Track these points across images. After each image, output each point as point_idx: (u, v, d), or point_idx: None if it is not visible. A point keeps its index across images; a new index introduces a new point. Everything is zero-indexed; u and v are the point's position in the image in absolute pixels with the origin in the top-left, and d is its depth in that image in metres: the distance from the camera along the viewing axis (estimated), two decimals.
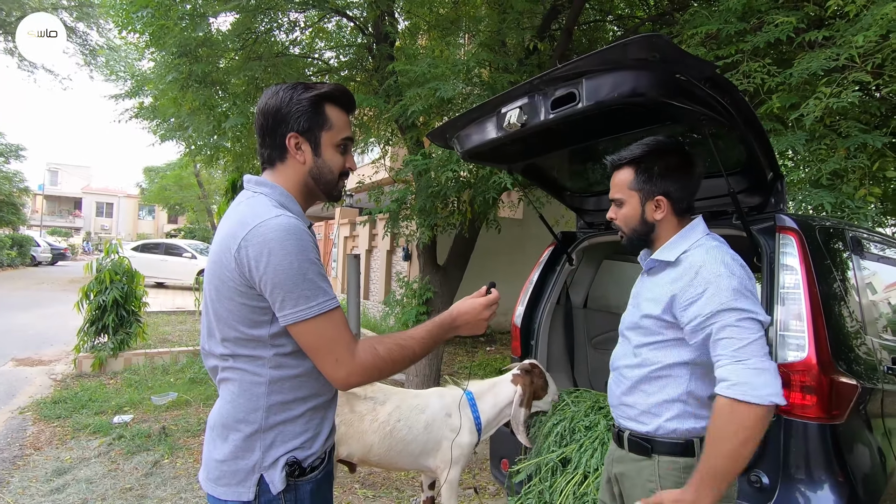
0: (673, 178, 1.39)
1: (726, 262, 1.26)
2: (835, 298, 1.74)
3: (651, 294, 1.39)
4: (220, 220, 1.32)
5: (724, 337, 1.18)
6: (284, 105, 1.15)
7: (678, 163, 1.41)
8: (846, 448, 1.56)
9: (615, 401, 1.46)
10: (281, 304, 1.05)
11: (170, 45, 4.11)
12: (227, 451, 1.13)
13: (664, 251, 1.39)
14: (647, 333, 1.37)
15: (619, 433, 1.44)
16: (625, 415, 1.42)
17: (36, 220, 37.32)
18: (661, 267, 1.40)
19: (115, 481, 3.27)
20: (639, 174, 1.40)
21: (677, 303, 1.28)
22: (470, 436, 2.38)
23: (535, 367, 2.45)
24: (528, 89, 1.62)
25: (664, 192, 1.39)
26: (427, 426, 2.36)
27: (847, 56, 2.32)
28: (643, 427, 1.36)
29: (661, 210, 1.39)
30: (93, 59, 15.26)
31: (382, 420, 2.35)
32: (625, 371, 1.43)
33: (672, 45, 1.30)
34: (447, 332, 1.24)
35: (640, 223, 1.42)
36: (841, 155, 2.59)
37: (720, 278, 1.23)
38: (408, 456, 2.38)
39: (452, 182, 3.87)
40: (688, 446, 1.31)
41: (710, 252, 1.30)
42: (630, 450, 1.40)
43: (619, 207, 1.46)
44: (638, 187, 1.41)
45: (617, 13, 5.69)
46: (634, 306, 1.47)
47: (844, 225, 2.16)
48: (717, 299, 1.20)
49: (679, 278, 1.31)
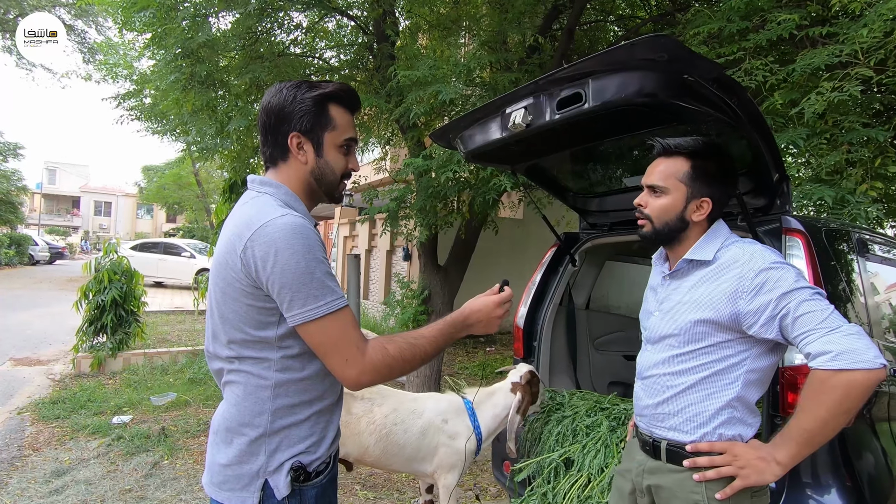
0: (722, 182, 1.35)
1: (772, 252, 1.24)
2: (841, 301, 1.74)
3: (689, 297, 1.32)
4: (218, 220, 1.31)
5: (805, 312, 1.13)
6: (287, 104, 1.13)
7: (728, 168, 1.37)
8: (853, 452, 1.55)
9: (647, 410, 1.39)
10: (289, 305, 1.03)
11: (171, 45, 4.09)
12: (232, 455, 1.11)
13: (697, 251, 1.33)
14: (692, 339, 1.30)
15: (654, 443, 1.36)
16: (662, 424, 1.35)
17: (34, 219, 37.23)
18: (691, 268, 1.35)
19: (115, 482, 3.25)
20: (695, 169, 1.33)
21: (736, 297, 1.21)
22: (471, 442, 2.37)
23: (534, 377, 2.43)
24: (533, 89, 1.61)
25: (711, 195, 1.33)
26: (423, 431, 2.35)
27: (850, 51, 2.32)
28: (686, 437, 1.29)
29: (702, 212, 1.33)
30: (91, 57, 15.23)
31: (379, 422, 2.34)
32: (663, 380, 1.35)
33: (680, 45, 1.29)
34: (459, 330, 1.21)
35: (676, 219, 1.34)
36: (843, 150, 2.58)
37: (779, 266, 1.19)
38: (402, 459, 2.37)
39: (452, 182, 3.86)
40: None
41: (750, 246, 1.27)
42: (668, 460, 1.32)
43: (655, 196, 1.37)
44: (689, 182, 1.33)
45: (618, 13, 5.68)
46: (665, 311, 1.38)
47: (850, 226, 2.15)
48: (785, 283, 1.16)
49: (719, 274, 1.27)
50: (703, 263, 1.32)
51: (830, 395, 1.08)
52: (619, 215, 2.58)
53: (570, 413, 2.36)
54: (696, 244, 1.34)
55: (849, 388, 1.06)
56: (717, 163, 1.35)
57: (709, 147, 1.35)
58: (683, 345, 1.31)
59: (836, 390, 1.07)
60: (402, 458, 2.36)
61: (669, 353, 1.35)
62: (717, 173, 1.34)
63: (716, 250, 1.31)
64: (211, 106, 4.68)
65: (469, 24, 4.89)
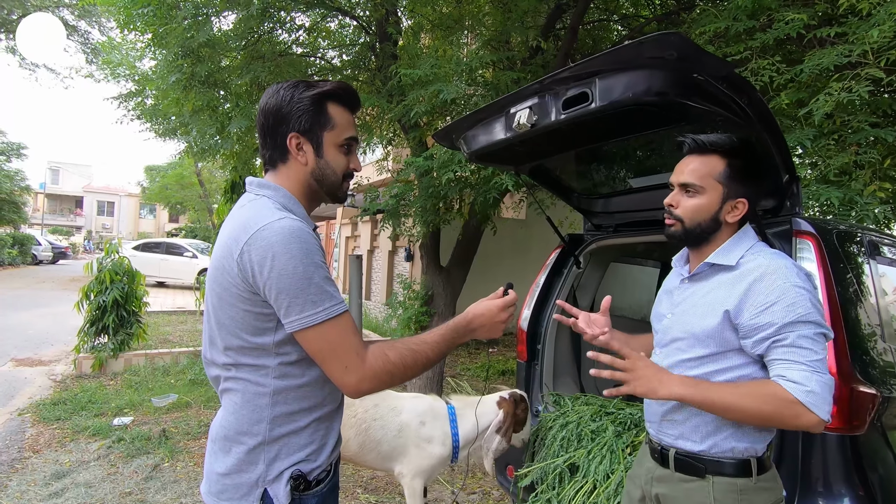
0: (758, 183, 1.32)
1: (799, 273, 1.20)
2: (853, 305, 1.70)
3: (702, 301, 1.29)
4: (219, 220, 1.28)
5: (802, 346, 1.13)
6: (285, 104, 1.11)
7: (762, 168, 1.33)
8: (866, 460, 1.51)
9: (656, 417, 1.36)
10: (287, 311, 1.01)
11: (172, 45, 4.07)
12: (230, 463, 1.09)
13: (721, 255, 1.29)
14: (704, 344, 1.26)
15: (663, 451, 1.33)
16: (672, 432, 1.32)
17: (37, 219, 37.35)
18: (713, 272, 1.30)
19: (115, 485, 3.23)
20: (732, 168, 1.28)
21: (744, 307, 1.19)
22: (441, 448, 2.35)
23: (524, 402, 2.40)
24: (538, 89, 1.58)
25: (747, 196, 1.28)
26: (400, 430, 2.35)
27: (860, 52, 2.28)
28: (695, 445, 1.27)
29: (737, 213, 1.29)
30: (94, 57, 15.25)
31: (360, 416, 2.34)
32: None
33: (689, 43, 1.26)
34: (462, 335, 1.19)
35: (710, 219, 1.29)
36: (851, 150, 2.54)
37: (799, 289, 1.16)
38: (377, 456, 2.37)
39: (453, 183, 3.82)
40: (745, 466, 1.23)
41: (777, 258, 1.23)
42: (677, 469, 1.29)
43: (688, 195, 1.31)
44: (726, 182, 1.27)
45: (621, 12, 5.64)
46: (678, 315, 1.35)
47: (860, 228, 2.11)
48: (797, 310, 1.14)
49: (738, 281, 1.23)
50: (726, 268, 1.28)
51: (769, 407, 1.12)
52: (625, 216, 2.55)
53: (575, 418, 2.33)
54: (720, 247, 1.30)
55: (794, 420, 1.11)
56: (755, 163, 1.31)
57: (743, 145, 1.30)
58: (691, 349, 1.28)
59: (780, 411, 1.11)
60: (376, 455, 2.36)
61: (678, 357, 1.32)
62: (753, 173, 1.30)
63: (740, 256, 1.27)
64: (212, 106, 4.67)
65: (472, 23, 4.86)
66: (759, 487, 1.22)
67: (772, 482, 1.26)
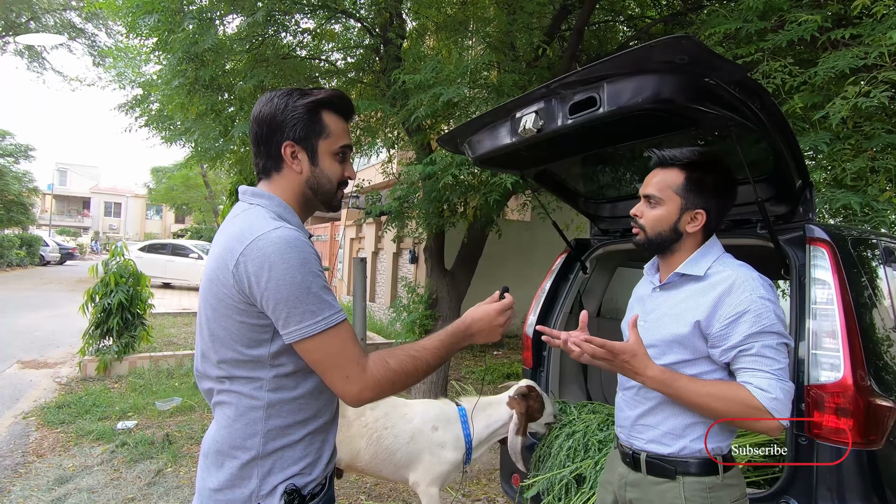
0: (718, 196, 1.35)
1: (764, 284, 1.25)
2: (870, 314, 1.65)
3: (675, 310, 1.33)
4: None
5: (766, 356, 1.19)
6: (279, 113, 1.09)
7: (726, 182, 1.37)
8: (885, 475, 1.46)
9: (627, 422, 1.41)
10: (285, 321, 0.99)
11: (177, 49, 4.06)
12: (223, 479, 1.08)
13: (690, 265, 1.34)
14: (676, 352, 1.31)
15: (634, 455, 1.37)
16: (642, 436, 1.36)
17: (45, 220, 37.64)
18: (683, 282, 1.36)
19: (118, 491, 3.22)
20: (689, 181, 1.33)
21: (713, 318, 1.24)
22: (455, 452, 2.31)
23: (533, 391, 2.36)
24: (544, 93, 1.55)
25: (706, 208, 1.33)
26: (412, 437, 2.30)
27: (877, 54, 2.22)
28: (666, 448, 1.31)
29: (696, 224, 1.34)
30: (101, 60, 15.33)
31: (371, 426, 2.30)
32: (644, 392, 1.35)
33: (702, 47, 1.22)
34: (461, 341, 1.18)
35: (669, 230, 1.36)
36: (867, 156, 2.49)
37: (764, 301, 1.21)
38: (391, 465, 2.32)
39: (455, 185, 3.79)
40: (712, 465, 1.28)
41: (742, 270, 1.28)
42: (649, 472, 1.34)
43: (651, 206, 1.38)
44: (683, 194, 1.34)
45: (628, 13, 5.59)
46: (650, 322, 1.39)
47: (875, 234, 2.06)
48: (762, 321, 1.20)
49: (707, 292, 1.28)
50: (695, 278, 1.33)
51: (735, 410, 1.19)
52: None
53: (582, 427, 2.29)
54: (689, 258, 1.35)
55: (756, 424, 1.20)
56: (714, 175, 1.35)
57: (705, 159, 1.34)
58: (664, 355, 1.32)
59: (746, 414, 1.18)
60: (392, 465, 2.31)
61: None
62: (712, 185, 1.34)
63: (707, 266, 1.32)
64: (215, 110, 4.65)
65: (476, 26, 4.82)
66: (726, 484, 1.28)
67: (737, 478, 1.32)
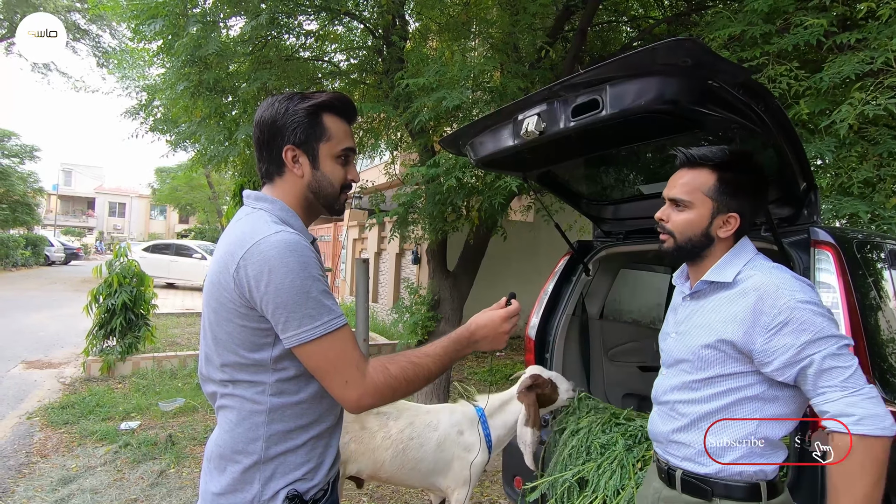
0: (752, 197, 1.27)
1: (801, 286, 1.14)
2: (875, 317, 1.64)
3: (705, 320, 1.25)
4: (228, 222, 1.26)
5: (830, 367, 1.07)
6: (280, 117, 1.09)
7: (760, 182, 1.28)
8: (893, 490, 1.45)
9: (662, 437, 1.32)
10: (284, 326, 0.99)
11: (181, 52, 4.07)
12: (225, 483, 1.08)
13: (717, 272, 1.25)
14: (707, 366, 1.22)
15: (669, 471, 1.29)
16: (678, 453, 1.28)
17: (50, 220, 37.84)
18: (711, 290, 1.27)
19: (121, 492, 3.23)
20: (722, 182, 1.24)
21: (753, 332, 1.14)
22: (482, 455, 2.30)
23: (538, 379, 2.34)
24: (546, 95, 1.54)
25: (740, 211, 1.24)
26: (439, 444, 2.28)
27: (883, 60, 2.20)
28: (702, 468, 1.22)
29: (729, 228, 1.25)
30: (105, 61, 15.40)
31: (395, 437, 2.28)
32: (679, 407, 1.28)
33: (706, 49, 1.21)
34: (465, 347, 1.17)
35: (701, 234, 1.26)
36: (872, 163, 2.47)
37: (805, 306, 1.10)
38: (418, 474, 2.30)
39: (458, 188, 3.78)
40: (753, 490, 1.18)
41: (774, 274, 1.18)
42: (684, 491, 1.25)
43: (678, 210, 1.28)
44: (715, 196, 1.24)
45: (631, 14, 5.57)
46: (681, 334, 1.31)
47: (880, 237, 2.05)
48: (812, 327, 1.09)
49: (736, 300, 1.19)
50: (724, 285, 1.24)
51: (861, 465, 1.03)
52: (636, 223, 2.49)
53: (585, 427, 2.28)
54: (716, 264, 1.27)
55: (874, 455, 1.03)
56: (747, 175, 1.26)
57: (737, 158, 1.26)
58: (696, 371, 1.25)
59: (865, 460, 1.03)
60: (419, 474, 2.29)
61: (683, 378, 1.29)
62: (746, 186, 1.25)
63: (736, 272, 1.23)
64: (219, 112, 4.66)
65: (479, 27, 4.82)
66: None
67: None
